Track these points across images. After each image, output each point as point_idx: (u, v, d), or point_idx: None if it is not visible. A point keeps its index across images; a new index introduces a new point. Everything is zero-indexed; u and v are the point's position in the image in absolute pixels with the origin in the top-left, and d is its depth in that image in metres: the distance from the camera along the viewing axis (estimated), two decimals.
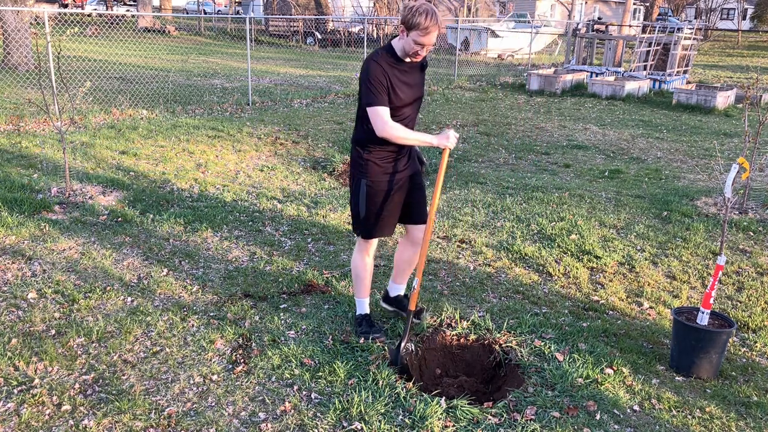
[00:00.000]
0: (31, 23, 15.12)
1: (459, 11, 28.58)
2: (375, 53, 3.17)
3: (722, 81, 18.16)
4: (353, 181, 3.39)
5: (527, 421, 2.90)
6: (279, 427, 2.87)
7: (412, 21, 3.00)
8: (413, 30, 3.03)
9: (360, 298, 3.65)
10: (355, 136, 3.34)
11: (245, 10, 40.23)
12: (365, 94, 3.10)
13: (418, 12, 3.00)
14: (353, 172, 3.38)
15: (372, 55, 3.14)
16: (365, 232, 3.46)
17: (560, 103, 13.69)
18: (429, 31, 3.02)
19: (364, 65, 3.14)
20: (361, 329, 3.57)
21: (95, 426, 2.83)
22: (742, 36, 38.45)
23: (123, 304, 3.98)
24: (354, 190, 3.39)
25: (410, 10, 3.04)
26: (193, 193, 6.29)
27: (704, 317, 3.32)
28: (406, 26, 3.03)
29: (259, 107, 11.41)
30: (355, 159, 3.36)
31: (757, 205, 6.31)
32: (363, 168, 3.32)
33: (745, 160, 3.51)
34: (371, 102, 3.08)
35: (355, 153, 3.34)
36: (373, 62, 3.10)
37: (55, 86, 9.61)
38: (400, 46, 3.13)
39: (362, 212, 3.38)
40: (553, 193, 6.57)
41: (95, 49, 18.12)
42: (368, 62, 3.11)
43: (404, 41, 3.09)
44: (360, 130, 3.29)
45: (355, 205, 3.41)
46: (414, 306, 3.37)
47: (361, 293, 3.64)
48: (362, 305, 3.66)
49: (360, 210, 3.38)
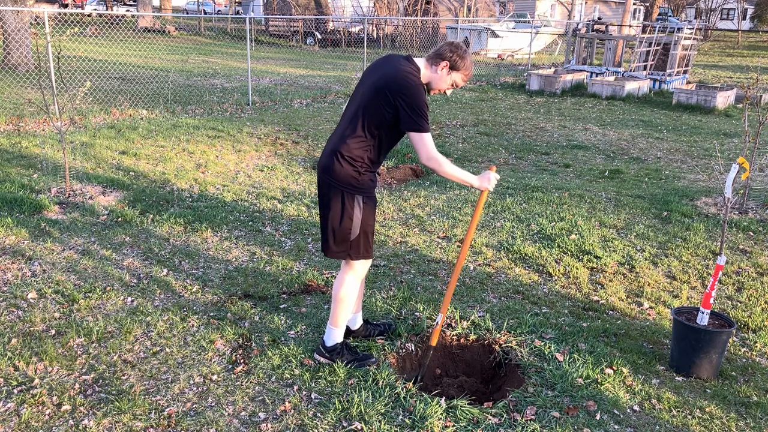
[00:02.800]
0: (31, 23, 15.12)
1: (459, 11, 28.58)
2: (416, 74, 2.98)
3: (722, 81, 18.16)
4: (342, 199, 3.05)
5: (527, 421, 2.90)
6: (279, 427, 2.87)
7: (460, 63, 3.02)
8: (458, 71, 3.04)
9: (339, 327, 3.30)
10: (352, 151, 3.00)
11: (245, 10, 40.24)
12: (417, 117, 2.89)
13: (466, 55, 3.02)
14: (342, 189, 3.03)
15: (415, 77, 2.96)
16: (366, 252, 3.17)
17: (560, 103, 13.69)
18: (470, 75, 3.10)
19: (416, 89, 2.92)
20: (346, 359, 3.29)
21: (95, 426, 2.83)
22: (742, 36, 38.45)
23: (123, 304, 3.98)
24: (344, 208, 3.06)
25: (457, 50, 3.01)
26: (193, 193, 6.29)
27: (704, 317, 3.32)
28: (451, 66, 3.01)
29: (259, 107, 11.41)
30: (347, 175, 3.02)
31: (757, 205, 6.31)
32: (358, 183, 3.04)
33: (745, 160, 3.51)
34: (424, 127, 2.92)
35: (349, 169, 3.01)
36: (420, 84, 2.96)
37: (55, 86, 9.61)
38: (429, 76, 3.04)
39: (357, 230, 3.09)
40: (553, 193, 6.57)
41: (95, 49, 18.12)
42: (418, 87, 2.93)
43: (440, 76, 3.03)
44: (362, 146, 3.00)
45: (348, 225, 3.08)
46: (435, 342, 3.27)
47: (342, 321, 3.30)
48: (340, 333, 3.32)
49: (355, 229, 3.09)
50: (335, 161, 3.02)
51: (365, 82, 3.08)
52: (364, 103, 2.99)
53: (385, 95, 2.91)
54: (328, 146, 3.11)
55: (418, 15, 27.29)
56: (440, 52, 3.02)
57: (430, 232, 5.41)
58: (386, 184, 6.97)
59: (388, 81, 2.94)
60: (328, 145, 3.11)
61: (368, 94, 2.99)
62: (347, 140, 3.01)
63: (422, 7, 27.81)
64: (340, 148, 3.01)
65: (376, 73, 3.04)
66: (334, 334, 3.30)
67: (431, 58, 3.05)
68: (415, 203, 6.17)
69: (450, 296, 3.24)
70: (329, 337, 3.32)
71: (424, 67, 3.05)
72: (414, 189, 6.69)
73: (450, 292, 3.24)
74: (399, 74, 2.95)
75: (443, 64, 3.02)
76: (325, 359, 3.31)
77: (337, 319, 3.27)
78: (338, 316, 3.27)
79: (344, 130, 3.05)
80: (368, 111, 2.97)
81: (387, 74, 2.98)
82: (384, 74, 2.99)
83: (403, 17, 26.79)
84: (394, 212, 5.91)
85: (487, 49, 25.00)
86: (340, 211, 3.06)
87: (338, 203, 3.06)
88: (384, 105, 2.93)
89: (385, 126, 2.98)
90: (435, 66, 3.03)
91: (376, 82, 2.97)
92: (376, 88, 2.96)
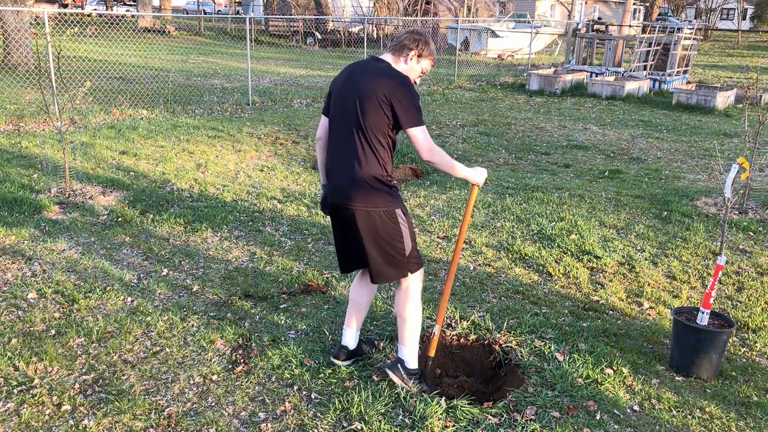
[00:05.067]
0: (31, 23, 15.11)
1: (459, 11, 28.58)
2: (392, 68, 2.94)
3: (722, 81, 18.15)
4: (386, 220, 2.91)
5: (527, 421, 2.90)
6: (279, 427, 2.87)
7: (426, 50, 2.98)
8: (426, 58, 3.00)
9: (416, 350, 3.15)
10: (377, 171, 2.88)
11: (245, 10, 40.23)
12: (414, 111, 2.82)
13: (428, 40, 2.98)
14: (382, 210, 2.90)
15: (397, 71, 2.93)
16: (419, 259, 3.09)
17: (560, 103, 13.69)
18: (435, 60, 3.06)
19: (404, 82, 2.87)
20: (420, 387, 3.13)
21: (95, 426, 2.83)
22: (742, 36, 38.44)
23: (123, 304, 3.98)
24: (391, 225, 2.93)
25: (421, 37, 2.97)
26: (193, 193, 6.29)
27: (704, 317, 3.32)
28: (419, 54, 2.96)
29: (259, 107, 11.41)
30: (382, 195, 2.90)
31: (757, 205, 6.31)
32: (392, 198, 2.93)
33: (745, 160, 3.51)
34: (421, 121, 2.85)
35: (381, 187, 2.89)
36: (409, 79, 2.92)
37: (55, 86, 9.61)
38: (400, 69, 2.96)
39: (410, 243, 2.99)
40: (553, 193, 6.57)
41: (95, 49, 18.12)
42: (407, 80, 2.89)
43: (411, 67, 2.98)
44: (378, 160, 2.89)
45: (401, 244, 2.96)
46: (433, 352, 3.23)
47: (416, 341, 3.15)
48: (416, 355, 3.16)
49: (408, 243, 2.98)
50: (365, 187, 2.87)
51: (347, 96, 2.90)
52: (365, 118, 2.84)
53: (382, 101, 2.80)
54: (341, 175, 2.93)
55: (418, 15, 27.29)
56: (405, 43, 2.96)
57: (430, 232, 5.41)
58: None
59: (377, 85, 2.83)
60: (340, 174, 2.94)
61: (363, 106, 2.84)
62: (367, 161, 2.87)
63: (422, 7, 27.82)
64: (363, 172, 2.86)
65: (358, 85, 2.89)
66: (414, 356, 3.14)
67: (397, 50, 2.97)
68: (415, 203, 6.17)
69: (445, 304, 3.19)
70: (412, 358, 3.14)
71: (392, 61, 2.98)
72: (414, 189, 6.69)
73: (444, 300, 3.18)
74: (383, 73, 2.89)
75: (412, 54, 2.96)
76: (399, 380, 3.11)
77: (412, 340, 3.12)
78: (412, 337, 3.12)
79: (354, 152, 2.88)
80: (373, 124, 2.84)
81: (372, 80, 2.86)
82: (369, 81, 2.87)
83: (403, 17, 26.79)
84: None
85: (487, 49, 25.00)
86: (388, 233, 2.92)
87: (385, 226, 2.91)
88: (383, 111, 2.82)
89: (390, 131, 2.89)
90: (404, 57, 2.97)
91: (365, 91, 2.84)
92: (369, 98, 2.83)
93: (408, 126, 2.82)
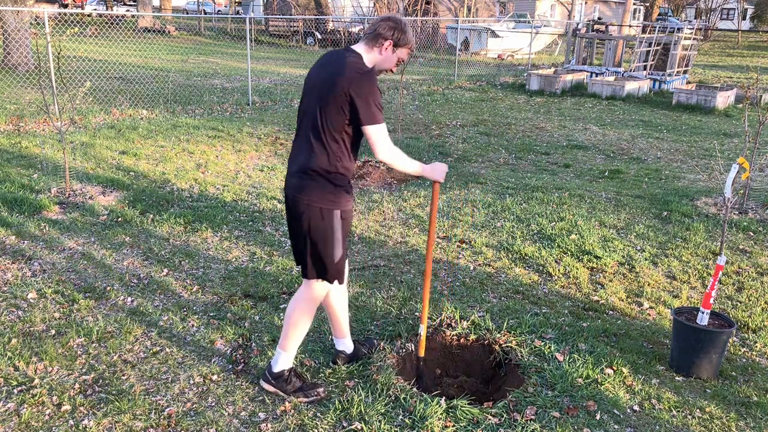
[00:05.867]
0: (31, 23, 15.11)
1: (459, 11, 28.58)
2: (361, 62, 2.81)
3: (722, 81, 18.15)
4: (318, 217, 2.82)
5: (527, 421, 2.90)
6: (279, 427, 2.87)
7: (403, 38, 2.84)
8: (403, 46, 2.87)
9: (288, 352, 3.06)
10: (323, 165, 2.78)
11: (245, 10, 40.23)
12: (374, 109, 2.71)
13: (404, 27, 2.84)
14: (318, 206, 2.80)
15: (362, 66, 2.79)
16: (340, 274, 2.95)
17: (560, 103, 13.69)
18: (413, 47, 2.94)
19: (366, 78, 2.73)
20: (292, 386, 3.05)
21: (95, 426, 2.83)
22: (742, 36, 38.44)
23: (123, 304, 3.98)
24: (320, 227, 2.83)
25: (394, 25, 2.83)
26: (193, 193, 6.29)
27: (704, 317, 3.32)
28: (395, 43, 2.84)
29: (259, 107, 11.41)
30: (324, 191, 2.80)
31: (757, 205, 6.31)
32: (335, 197, 2.82)
33: (745, 160, 3.51)
34: (380, 119, 2.73)
35: (322, 182, 2.80)
36: (372, 75, 2.76)
37: (55, 86, 9.61)
38: (373, 59, 2.86)
39: (338, 253, 2.88)
40: (553, 193, 6.57)
41: (95, 49, 18.12)
42: (369, 75, 2.74)
43: (385, 56, 2.86)
44: (328, 154, 2.78)
45: (328, 245, 2.86)
46: (423, 352, 3.21)
47: (293, 346, 3.06)
48: (289, 359, 3.08)
49: (336, 249, 2.87)
50: (307, 179, 2.80)
51: (313, 87, 2.84)
52: (320, 110, 2.76)
53: (339, 93, 2.70)
54: (293, 164, 2.88)
55: (418, 15, 27.28)
56: (380, 32, 2.82)
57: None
58: (386, 184, 6.97)
59: (338, 77, 2.72)
60: (293, 163, 2.88)
61: (321, 98, 2.76)
62: (315, 154, 2.79)
63: (422, 7, 27.81)
64: (310, 164, 2.80)
65: (321, 75, 2.82)
66: (283, 359, 3.05)
67: (371, 40, 2.84)
68: (415, 203, 6.16)
69: (426, 305, 3.17)
70: (276, 362, 3.06)
71: (365, 51, 2.85)
72: (414, 189, 6.69)
73: (426, 299, 3.15)
74: (346, 67, 2.75)
75: (387, 44, 2.83)
76: (270, 386, 3.06)
77: (288, 343, 3.03)
78: (290, 340, 3.03)
79: (308, 143, 2.82)
80: (327, 117, 2.75)
81: (334, 71, 2.76)
82: (331, 72, 2.77)
83: (403, 17, 26.78)
84: (394, 212, 5.91)
85: (487, 49, 25.00)
86: (321, 232, 2.84)
87: (318, 224, 2.83)
88: (340, 104, 2.71)
89: (347, 127, 2.77)
90: (378, 47, 2.84)
91: (325, 84, 2.76)
92: (327, 89, 2.74)
93: (365, 123, 2.72)
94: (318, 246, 2.87)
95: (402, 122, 10.16)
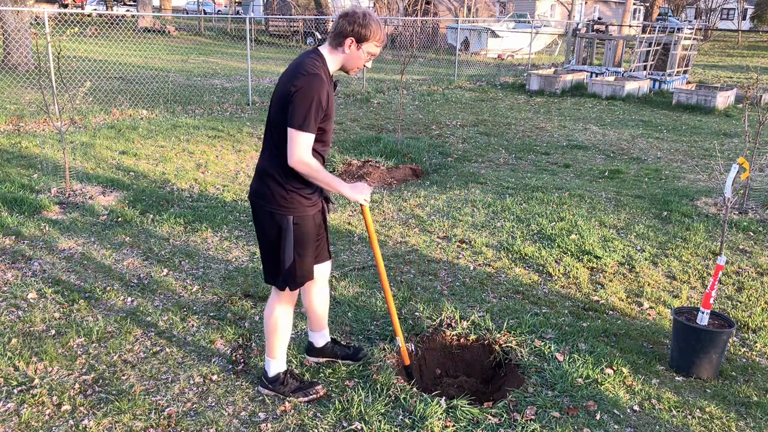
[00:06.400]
0: (31, 23, 15.12)
1: (459, 11, 28.59)
2: (315, 64, 2.69)
3: (722, 81, 18.15)
4: (269, 220, 2.78)
5: (527, 421, 2.90)
6: (279, 427, 2.87)
7: (364, 33, 2.68)
8: (367, 41, 2.71)
9: (277, 359, 3.06)
10: (270, 164, 2.76)
11: (245, 10, 40.23)
12: (302, 113, 2.59)
13: (368, 21, 2.68)
14: (269, 209, 2.77)
15: (314, 67, 2.67)
16: (293, 282, 2.87)
17: (560, 103, 13.69)
18: (382, 38, 2.74)
19: (306, 79, 2.62)
20: (290, 387, 3.06)
21: (95, 426, 2.83)
22: (742, 36, 38.44)
23: (123, 304, 3.98)
24: (272, 231, 2.80)
25: (355, 19, 2.68)
26: (193, 193, 6.29)
27: (704, 317, 3.32)
28: (357, 39, 2.69)
29: (259, 107, 11.41)
30: (273, 193, 2.75)
31: (757, 205, 6.31)
32: (286, 203, 2.75)
33: (745, 160, 3.51)
34: (305, 125, 2.60)
35: (273, 185, 2.74)
36: (320, 78, 2.63)
37: (55, 86, 9.62)
38: (338, 60, 2.76)
39: (289, 258, 2.81)
40: (553, 193, 6.57)
41: (95, 49, 18.12)
42: (314, 78, 2.62)
43: (350, 55, 2.73)
44: (280, 157, 2.72)
45: (275, 250, 2.82)
46: (408, 361, 3.20)
47: (279, 352, 3.05)
48: (280, 363, 3.08)
49: (286, 256, 2.81)
50: (263, 182, 2.77)
51: (276, 89, 2.77)
52: (275, 113, 2.72)
53: (286, 94, 2.64)
54: (257, 167, 2.85)
55: (418, 15, 27.28)
56: (339, 30, 2.69)
57: (430, 232, 5.41)
58: (386, 184, 6.97)
59: (289, 78, 2.66)
60: (257, 166, 2.85)
61: (277, 100, 2.71)
62: (269, 157, 2.76)
63: (422, 7, 27.82)
64: (266, 167, 2.77)
65: (282, 77, 2.75)
66: (273, 365, 3.06)
67: (333, 39, 2.73)
68: (415, 203, 6.17)
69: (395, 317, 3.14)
70: (269, 369, 3.07)
71: (328, 52, 2.75)
72: (414, 189, 6.69)
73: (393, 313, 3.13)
74: (298, 67, 2.68)
75: (348, 42, 2.70)
76: (268, 390, 3.07)
77: (274, 350, 3.03)
78: (274, 348, 3.03)
79: (266, 145, 2.80)
80: (279, 120, 2.69)
81: (289, 72, 2.70)
82: (287, 74, 2.71)
83: (403, 17, 26.79)
84: (394, 212, 5.91)
85: (487, 49, 25.01)
86: (271, 237, 2.81)
87: (268, 228, 2.80)
88: (287, 105, 2.64)
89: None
90: (341, 47, 2.72)
91: (279, 85, 2.72)
92: (280, 90, 2.70)
93: (288, 125, 2.63)
94: (268, 250, 2.86)
95: (402, 122, 10.17)
